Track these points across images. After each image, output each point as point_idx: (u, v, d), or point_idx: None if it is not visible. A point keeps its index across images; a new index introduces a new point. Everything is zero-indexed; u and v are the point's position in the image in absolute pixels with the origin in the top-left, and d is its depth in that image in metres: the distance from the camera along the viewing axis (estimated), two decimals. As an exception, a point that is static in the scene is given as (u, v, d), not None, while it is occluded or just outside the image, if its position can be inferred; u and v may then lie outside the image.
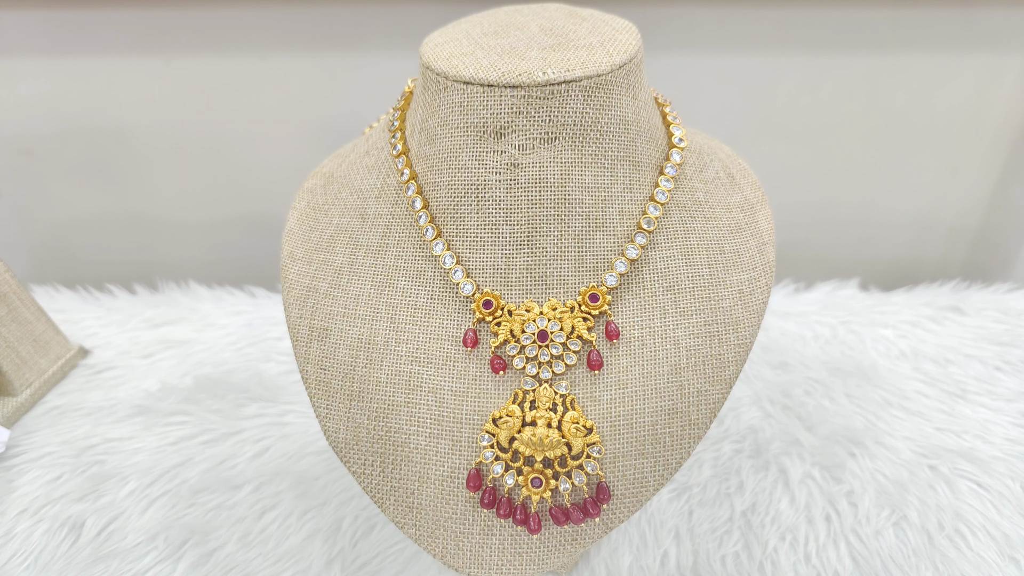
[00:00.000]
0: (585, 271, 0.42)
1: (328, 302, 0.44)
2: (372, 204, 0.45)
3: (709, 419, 0.42)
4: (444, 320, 0.42)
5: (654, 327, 0.42)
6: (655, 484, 0.41)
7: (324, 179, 0.50)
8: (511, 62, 0.40)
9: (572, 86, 0.39)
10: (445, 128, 0.41)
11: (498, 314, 0.41)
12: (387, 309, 0.43)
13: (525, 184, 0.40)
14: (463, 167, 0.41)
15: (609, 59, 0.41)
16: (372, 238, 0.44)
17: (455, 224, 0.42)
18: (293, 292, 0.45)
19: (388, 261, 0.44)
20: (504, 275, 0.41)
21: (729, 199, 0.47)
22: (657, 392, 0.41)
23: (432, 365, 0.41)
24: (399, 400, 0.41)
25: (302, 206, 0.49)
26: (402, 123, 0.47)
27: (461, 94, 0.40)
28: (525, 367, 0.40)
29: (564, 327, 0.40)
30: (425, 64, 0.42)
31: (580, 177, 0.41)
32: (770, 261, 0.46)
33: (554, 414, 0.40)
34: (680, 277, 0.43)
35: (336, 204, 0.47)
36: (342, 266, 0.44)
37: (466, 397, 0.41)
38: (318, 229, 0.47)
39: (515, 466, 0.40)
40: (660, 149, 0.45)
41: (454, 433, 0.41)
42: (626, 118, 0.42)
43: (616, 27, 0.44)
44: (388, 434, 0.41)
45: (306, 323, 0.44)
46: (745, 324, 0.43)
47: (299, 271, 0.46)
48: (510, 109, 0.39)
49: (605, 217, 0.42)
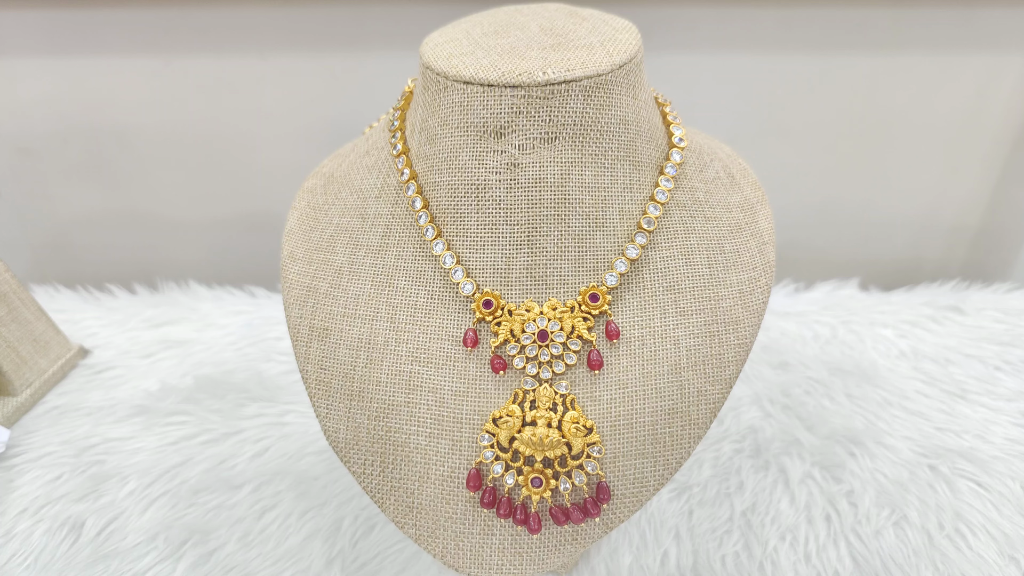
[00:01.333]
0: (585, 271, 0.42)
1: (328, 302, 0.44)
2: (372, 204, 0.45)
3: (709, 419, 0.42)
4: (444, 320, 0.42)
5: (654, 327, 0.42)
6: (655, 484, 0.41)
7: (324, 179, 0.50)
8: (511, 62, 0.40)
9: (572, 86, 0.39)
10: (445, 128, 0.41)
11: (498, 314, 0.41)
12: (387, 309, 0.43)
13: (525, 184, 0.40)
14: (463, 167, 0.41)
15: (609, 59, 0.41)
16: (372, 238, 0.44)
17: (455, 224, 0.42)
18: (293, 292, 0.45)
19: (388, 261, 0.44)
20: (504, 275, 0.41)
21: (729, 199, 0.47)
22: (657, 392, 0.41)
23: (432, 365, 0.41)
24: (399, 400, 0.41)
25: (302, 206, 0.49)
26: (402, 123, 0.47)
27: (461, 94, 0.40)
28: (525, 367, 0.40)
29: (564, 327, 0.40)
30: (425, 64, 0.42)
31: (580, 177, 0.41)
32: (770, 261, 0.46)
33: (554, 414, 0.40)
34: (680, 277, 0.43)
35: (336, 204, 0.47)
36: (342, 266, 0.44)
37: (466, 397, 0.41)
38: (318, 229, 0.47)
39: (515, 466, 0.40)
40: (660, 149, 0.45)
41: (454, 433, 0.41)
42: (626, 118, 0.42)
43: (616, 27, 0.44)
44: (388, 434, 0.41)
45: (306, 323, 0.44)
46: (745, 324, 0.43)
47: (299, 271, 0.46)
48: (510, 109, 0.39)
49: (605, 217, 0.42)
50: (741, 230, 0.46)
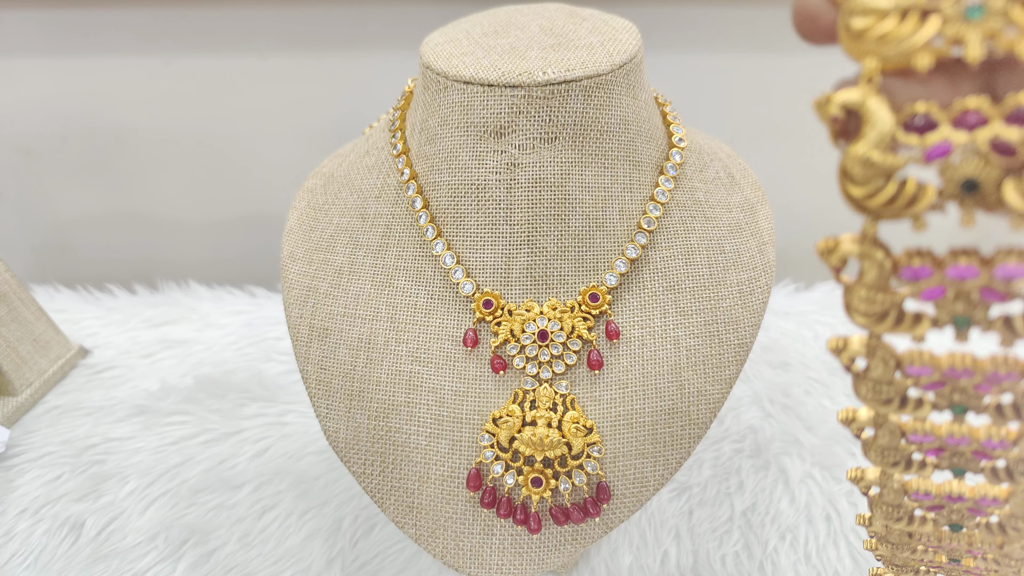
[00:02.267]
0: (585, 271, 0.42)
1: (328, 302, 0.44)
2: (372, 204, 0.45)
3: (709, 418, 0.42)
4: (444, 320, 0.42)
5: (654, 327, 0.42)
6: (655, 484, 0.41)
7: (324, 179, 0.50)
8: (511, 62, 0.40)
9: (572, 86, 0.39)
10: (445, 128, 0.41)
11: (498, 314, 0.41)
12: (387, 309, 0.43)
13: (525, 184, 0.40)
14: (463, 167, 0.41)
15: (609, 59, 0.41)
16: (372, 238, 0.44)
17: (455, 224, 0.42)
18: (293, 292, 0.45)
19: (388, 261, 0.44)
20: (504, 275, 0.41)
21: (729, 199, 0.47)
22: (657, 392, 0.41)
23: (432, 365, 0.41)
24: (399, 400, 0.41)
25: (302, 206, 0.49)
26: (402, 123, 0.47)
27: (461, 94, 0.40)
28: (525, 367, 0.40)
29: (564, 327, 0.40)
30: (425, 64, 0.42)
31: (580, 177, 0.41)
32: (770, 261, 0.46)
33: (554, 414, 0.40)
34: (680, 277, 0.43)
35: (336, 204, 0.47)
36: (342, 266, 0.44)
37: (466, 397, 0.41)
38: (318, 229, 0.47)
39: (515, 466, 0.40)
40: (660, 149, 0.45)
41: (454, 433, 0.41)
42: (626, 118, 0.42)
43: (616, 27, 0.44)
44: (388, 434, 0.41)
45: (306, 323, 0.44)
46: (745, 324, 0.43)
47: (299, 271, 0.46)
48: (510, 109, 0.39)
49: (605, 217, 0.42)
50: (741, 230, 0.46)
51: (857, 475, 0.29)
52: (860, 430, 0.27)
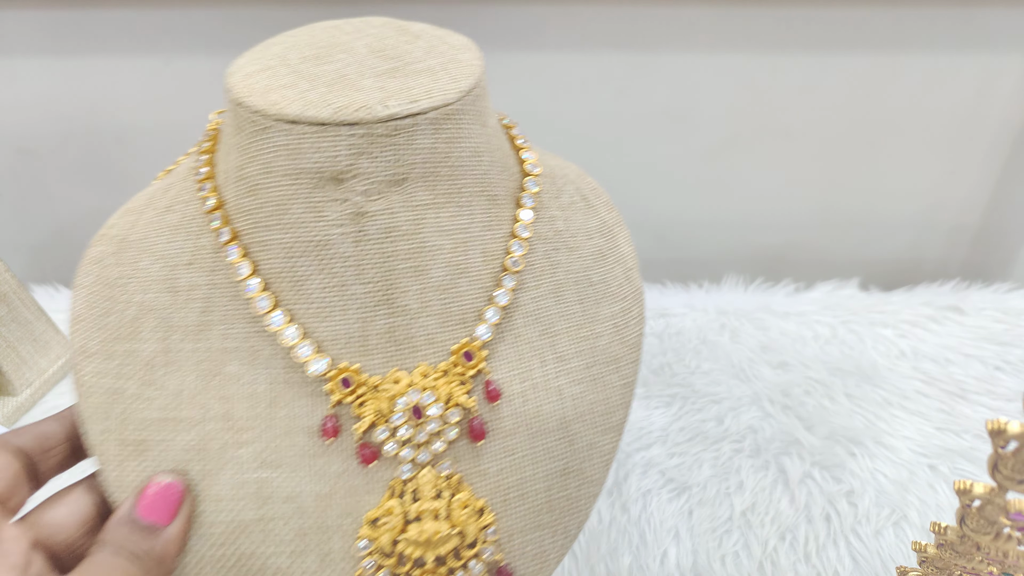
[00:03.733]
0: (453, 325, 0.36)
1: (141, 406, 0.34)
2: (184, 273, 0.36)
3: (604, 473, 0.38)
4: (293, 408, 0.34)
5: (535, 379, 0.38)
6: (556, 556, 0.37)
7: (115, 244, 0.39)
8: (344, 94, 0.33)
9: (419, 119, 0.34)
10: (269, 177, 0.34)
11: (360, 392, 0.34)
12: (219, 404, 0.34)
13: (375, 235, 0.34)
14: (297, 221, 0.34)
15: (455, 84, 0.35)
16: (188, 316, 0.36)
17: (294, 290, 0.35)
18: (92, 399, 0.35)
19: (213, 343, 0.35)
20: (361, 343, 0.35)
21: (588, 224, 0.44)
22: (547, 453, 0.37)
23: (285, 467, 0.34)
24: (248, 517, 0.33)
25: (89, 282, 0.38)
26: (212, 169, 0.38)
27: (286, 135, 0.33)
28: (399, 452, 0.34)
29: (439, 396, 0.35)
30: (235, 100, 0.34)
31: (436, 219, 0.36)
32: (638, 289, 0.44)
33: (440, 502, 0.34)
34: (553, 318, 0.39)
35: (135, 276, 0.37)
36: (154, 356, 0.35)
37: (332, 499, 0.34)
38: (115, 311, 0.37)
39: (403, 571, 0.34)
40: (514, 178, 0.41)
41: (322, 545, 0.34)
42: (478, 148, 0.37)
43: (454, 45, 0.39)
44: (239, 562, 0.33)
45: (114, 437, 0.34)
46: (625, 360, 0.41)
47: (97, 369, 0.35)
48: (349, 150, 0.33)
49: (468, 261, 0.37)
50: (605, 257, 0.43)
51: (964, 487, 0.33)
52: (1006, 441, 0.30)
